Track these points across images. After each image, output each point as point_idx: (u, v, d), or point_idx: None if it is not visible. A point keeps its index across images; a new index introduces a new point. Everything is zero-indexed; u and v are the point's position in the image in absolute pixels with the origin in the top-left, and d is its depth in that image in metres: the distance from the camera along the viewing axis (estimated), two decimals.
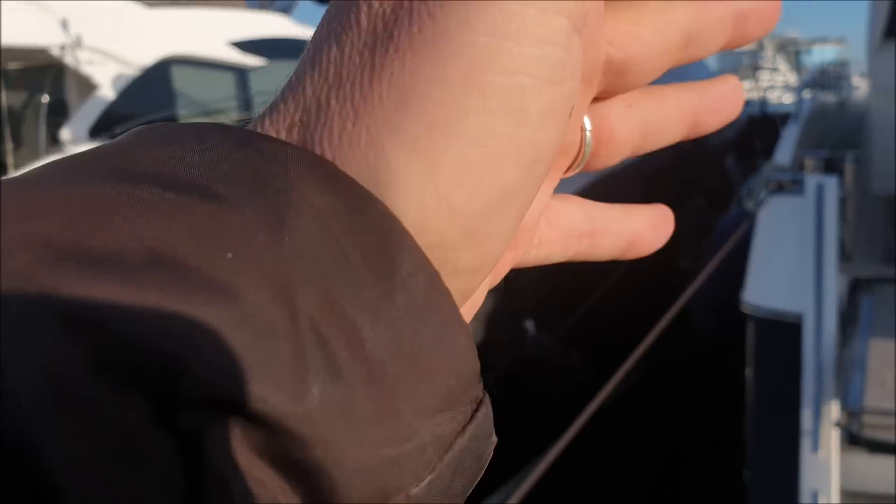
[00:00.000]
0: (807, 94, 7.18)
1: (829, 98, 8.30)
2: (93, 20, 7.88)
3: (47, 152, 7.94)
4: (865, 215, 4.00)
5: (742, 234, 3.13)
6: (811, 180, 3.28)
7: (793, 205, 3.23)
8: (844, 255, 3.24)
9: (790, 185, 3.35)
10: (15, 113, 8.73)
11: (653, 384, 5.05)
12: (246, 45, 9.36)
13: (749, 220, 3.25)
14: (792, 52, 47.07)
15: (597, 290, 4.71)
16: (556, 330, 4.20)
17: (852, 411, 2.14)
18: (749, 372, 2.93)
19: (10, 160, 8.48)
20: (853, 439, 2.10)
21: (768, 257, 3.13)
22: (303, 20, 10.91)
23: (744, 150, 8.17)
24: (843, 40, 49.35)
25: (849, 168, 3.32)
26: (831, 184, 3.20)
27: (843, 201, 3.27)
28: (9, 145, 8.52)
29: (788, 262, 3.02)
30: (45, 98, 8.36)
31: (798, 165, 3.81)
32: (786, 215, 3.21)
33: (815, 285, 2.77)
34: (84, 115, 7.89)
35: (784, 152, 4.31)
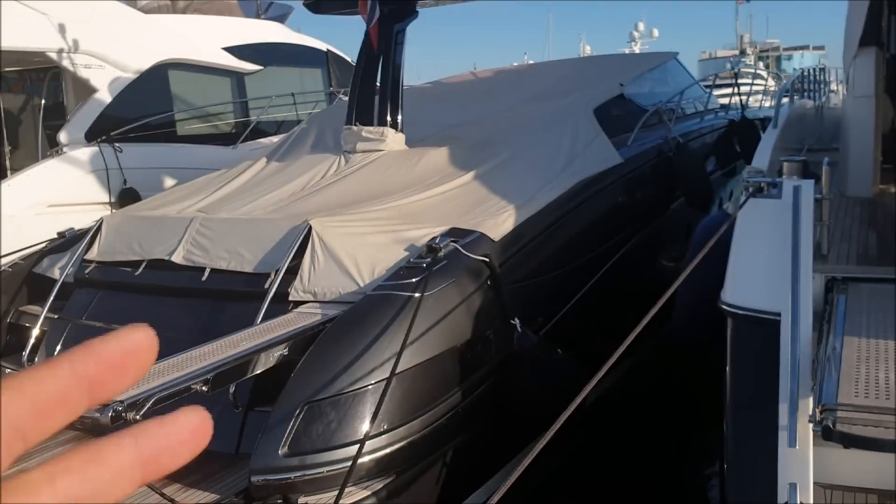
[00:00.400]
0: (785, 99, 7.30)
1: (807, 103, 8.44)
2: (90, 25, 7.89)
3: (44, 155, 7.93)
4: (840, 217, 4.10)
5: (722, 235, 3.20)
6: (788, 183, 3.36)
7: (770, 207, 3.32)
8: (820, 255, 3.33)
9: (768, 187, 3.43)
10: (12, 115, 8.70)
11: (635, 381, 5.13)
12: (241, 51, 9.40)
13: (729, 221, 3.33)
14: (773, 57, 47.63)
15: (580, 289, 4.78)
16: (541, 327, 4.25)
17: (827, 407, 2.21)
18: (727, 369, 3.00)
19: (7, 162, 8.44)
20: (827, 434, 2.17)
21: (746, 258, 3.21)
22: (297, 27, 10.94)
23: (724, 152, 8.29)
24: (822, 47, 49.91)
25: (825, 171, 3.40)
26: (808, 186, 3.28)
27: (819, 203, 3.36)
28: (6, 147, 8.49)
29: (766, 263, 3.10)
30: (42, 101, 8.37)
31: (776, 169, 3.90)
32: (763, 217, 3.30)
33: (792, 285, 2.84)
34: (81, 118, 7.89)
35: (762, 156, 4.40)
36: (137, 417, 2.73)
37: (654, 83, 8.09)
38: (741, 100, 9.55)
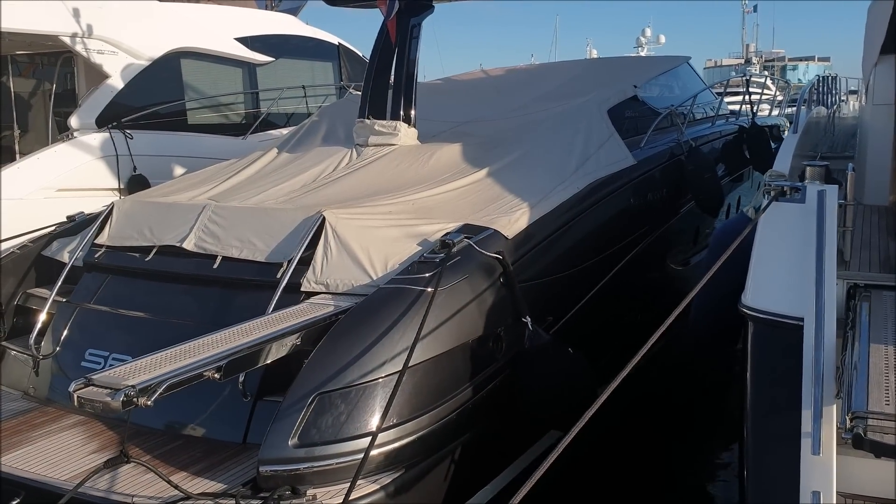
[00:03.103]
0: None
1: (822, 110, 8.43)
2: (104, 10, 7.87)
3: (54, 139, 7.91)
4: (858, 224, 4.07)
5: (743, 238, 3.16)
6: (812, 188, 3.32)
7: (794, 211, 3.28)
8: (842, 261, 3.29)
9: (791, 191, 3.40)
10: (23, 99, 8.71)
11: (649, 383, 5.08)
12: (254, 42, 9.42)
13: (751, 225, 3.29)
14: (778, 67, 47.73)
15: (592, 289, 4.74)
16: (552, 326, 4.22)
17: (858, 415, 2.17)
18: (747, 373, 2.96)
19: (16, 146, 8.43)
20: (858, 442, 2.13)
21: (768, 261, 3.17)
22: (310, 20, 10.93)
23: (734, 158, 8.28)
24: (828, 58, 50.05)
25: (850, 177, 3.37)
26: (832, 191, 3.25)
27: (842, 209, 3.32)
28: (16, 131, 8.48)
29: (788, 267, 3.06)
30: (54, 86, 8.38)
31: (797, 174, 3.87)
32: (786, 221, 3.26)
33: (816, 290, 2.81)
34: (92, 104, 7.88)
35: (784, 161, 4.37)
36: (149, 403, 2.69)
37: (666, 87, 8.07)
38: (751, 107, 9.52)
